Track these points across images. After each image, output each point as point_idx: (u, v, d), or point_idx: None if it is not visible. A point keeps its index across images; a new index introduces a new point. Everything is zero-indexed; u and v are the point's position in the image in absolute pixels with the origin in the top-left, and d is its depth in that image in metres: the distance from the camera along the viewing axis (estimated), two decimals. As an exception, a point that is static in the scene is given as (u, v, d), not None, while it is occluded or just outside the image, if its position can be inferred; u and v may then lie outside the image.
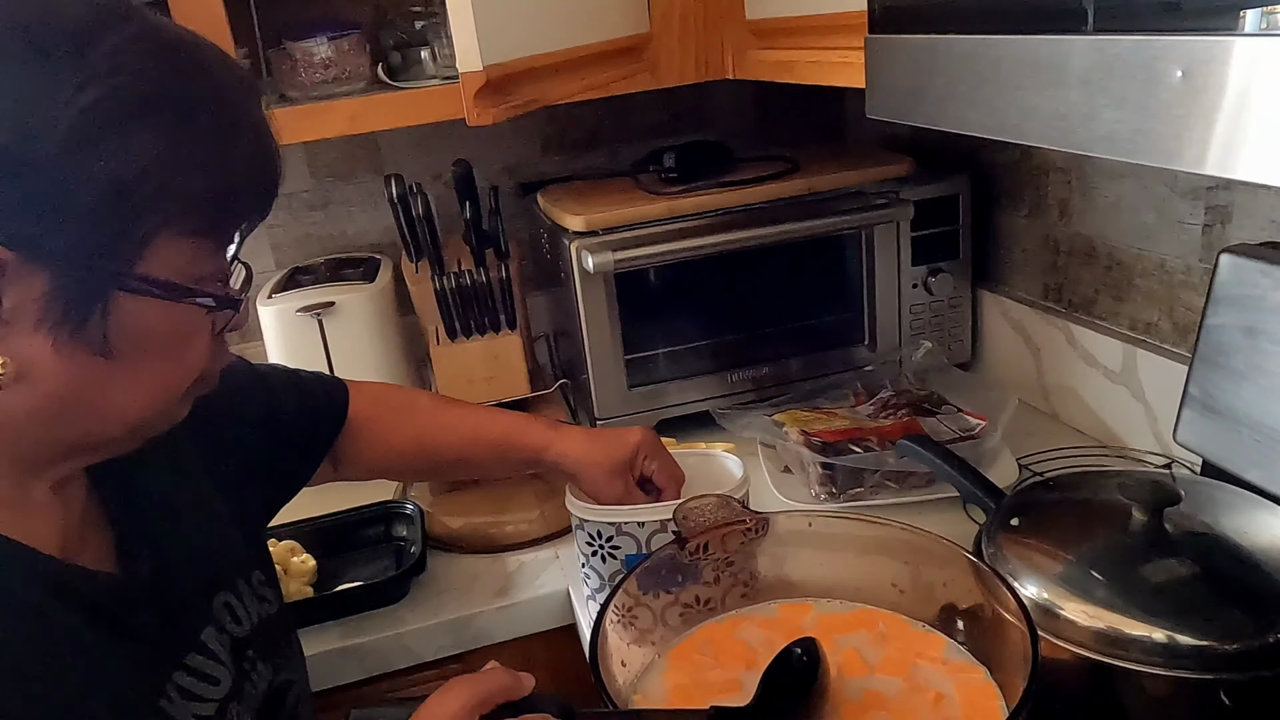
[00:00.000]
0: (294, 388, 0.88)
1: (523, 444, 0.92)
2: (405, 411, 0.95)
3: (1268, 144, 0.42)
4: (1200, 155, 0.44)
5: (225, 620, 0.67)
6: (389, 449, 0.93)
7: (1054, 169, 1.21)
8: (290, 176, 1.46)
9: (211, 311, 0.55)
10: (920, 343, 1.32)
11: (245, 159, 0.55)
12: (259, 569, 0.74)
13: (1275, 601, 0.65)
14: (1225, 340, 0.85)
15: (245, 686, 0.67)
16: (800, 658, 0.66)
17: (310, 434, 0.88)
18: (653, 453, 0.91)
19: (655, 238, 1.21)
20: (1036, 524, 0.76)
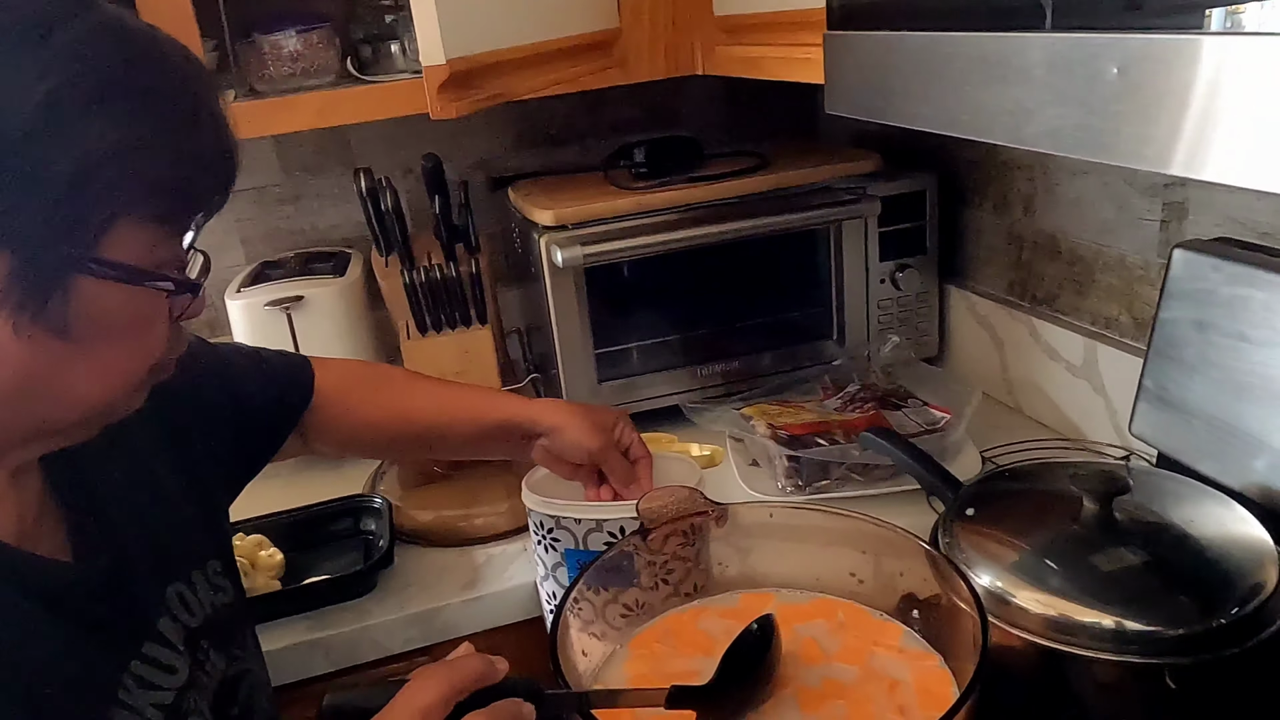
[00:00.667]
0: (256, 367, 0.88)
1: (501, 406, 0.93)
2: (379, 382, 0.96)
3: (1203, 140, 0.43)
4: (1137, 151, 0.45)
5: (178, 610, 0.67)
6: (362, 420, 0.93)
7: (1018, 165, 1.23)
8: (260, 170, 1.48)
9: (170, 296, 0.56)
10: (888, 337, 1.33)
11: (204, 148, 0.55)
12: (216, 558, 0.74)
13: (1220, 588, 0.67)
14: (1178, 334, 0.87)
15: (200, 676, 0.67)
16: (755, 632, 0.68)
17: (274, 413, 0.88)
18: (630, 425, 0.93)
19: (625, 232, 1.22)
20: (991, 514, 0.77)
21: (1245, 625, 0.65)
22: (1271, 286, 0.78)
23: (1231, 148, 0.42)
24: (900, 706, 0.66)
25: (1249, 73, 0.40)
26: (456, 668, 0.60)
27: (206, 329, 1.52)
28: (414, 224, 1.38)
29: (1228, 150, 0.42)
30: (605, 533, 0.88)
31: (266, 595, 1.00)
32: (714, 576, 0.82)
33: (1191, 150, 0.43)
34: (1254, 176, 0.42)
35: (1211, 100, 0.42)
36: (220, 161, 0.57)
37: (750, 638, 0.68)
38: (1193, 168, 0.44)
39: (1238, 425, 0.81)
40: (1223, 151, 0.42)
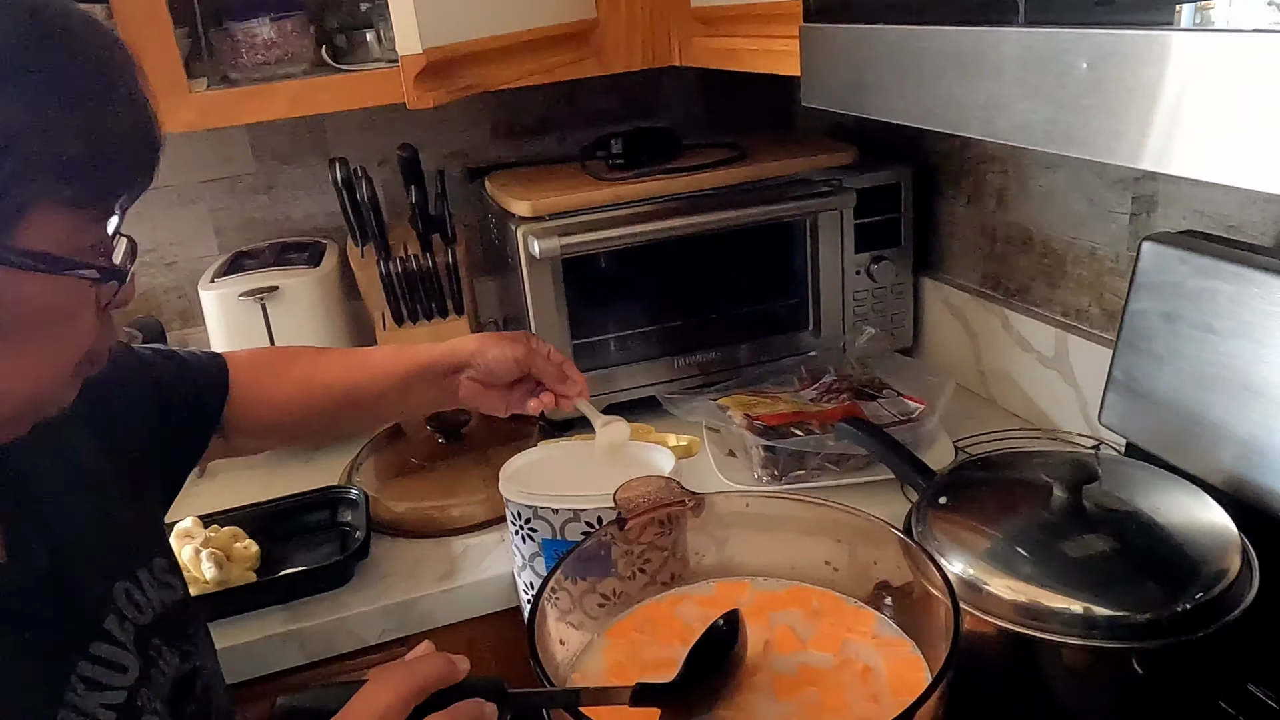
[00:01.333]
0: (175, 366, 0.86)
1: (412, 354, 0.92)
2: (286, 360, 0.94)
3: (1171, 135, 0.44)
4: (1106, 145, 0.46)
5: (126, 608, 0.66)
6: (275, 401, 0.91)
7: (991, 159, 1.24)
8: (234, 159, 1.47)
9: (95, 285, 0.54)
10: (863, 328, 1.34)
11: (121, 127, 0.53)
12: (160, 555, 0.73)
13: (1185, 574, 0.68)
14: (1146, 326, 0.88)
15: (154, 674, 0.66)
16: (721, 628, 0.68)
17: (197, 411, 0.86)
18: (538, 338, 0.94)
19: (602, 223, 1.22)
20: (963, 503, 0.79)
21: (1209, 610, 0.66)
22: (1237, 279, 0.80)
23: (1198, 143, 0.43)
24: (874, 693, 0.66)
25: (1215, 69, 0.41)
26: (415, 668, 0.59)
27: (179, 320, 1.50)
28: (390, 214, 1.38)
29: (1194, 145, 0.43)
30: (582, 522, 0.88)
31: (242, 587, 1.00)
32: (691, 566, 0.82)
33: (1160, 145, 0.44)
34: (1219, 171, 0.42)
35: (1179, 96, 0.43)
36: (140, 143, 0.55)
37: (717, 633, 0.68)
38: (1161, 162, 0.44)
39: (1204, 415, 0.83)
40: (1189, 146, 0.43)
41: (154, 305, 1.49)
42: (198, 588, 0.99)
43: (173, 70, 1.09)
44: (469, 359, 0.91)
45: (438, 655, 0.61)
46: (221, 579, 0.99)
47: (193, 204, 1.47)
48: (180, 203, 1.46)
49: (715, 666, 0.66)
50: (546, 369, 0.92)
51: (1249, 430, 0.80)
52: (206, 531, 1.05)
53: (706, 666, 0.66)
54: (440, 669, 0.59)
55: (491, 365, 0.91)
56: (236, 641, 0.96)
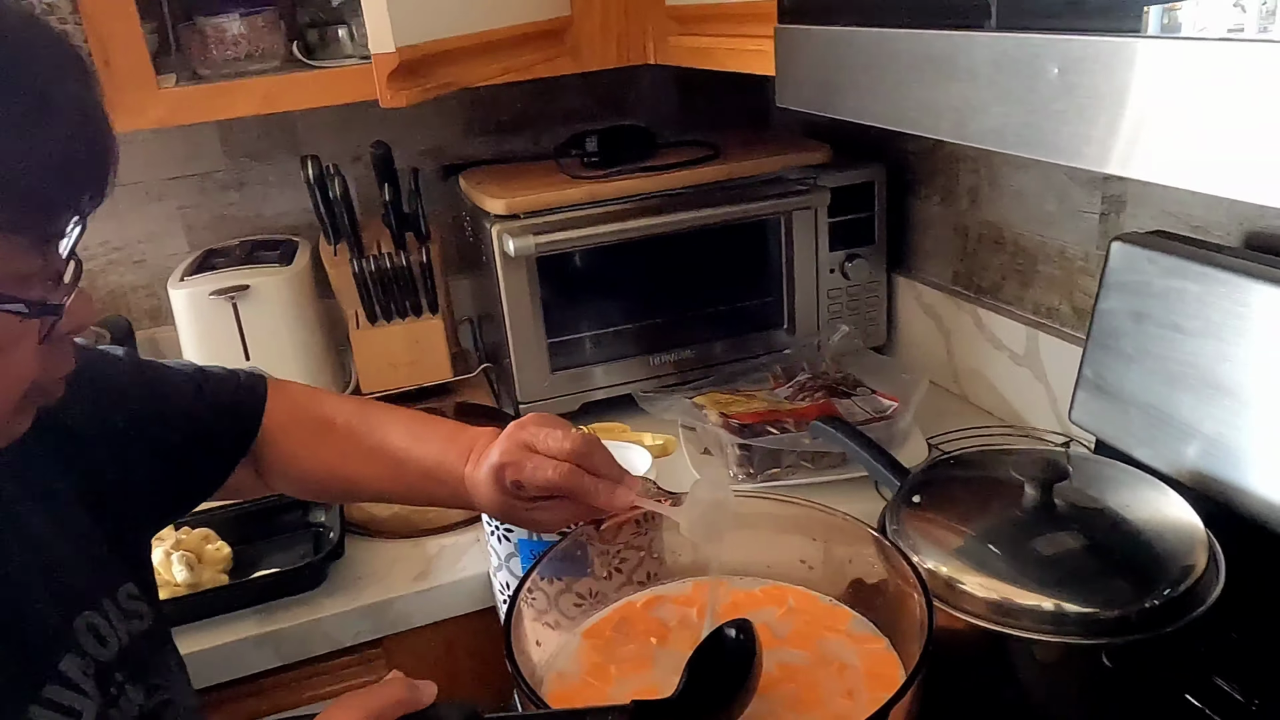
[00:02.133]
0: (195, 392, 0.79)
1: (448, 478, 0.80)
2: (320, 433, 0.83)
3: (1138, 140, 0.44)
4: (1077, 149, 0.47)
5: (88, 643, 0.62)
6: (302, 471, 0.84)
7: (964, 158, 1.25)
8: (204, 156, 1.45)
9: (26, 319, 0.49)
10: (838, 326, 1.35)
11: (59, 143, 0.48)
12: (131, 581, 0.68)
13: (1153, 570, 0.69)
14: (1116, 325, 0.89)
15: (112, 714, 0.61)
16: (735, 638, 0.62)
17: (213, 436, 0.79)
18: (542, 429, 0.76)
19: (577, 221, 1.21)
20: (937, 501, 0.79)
21: (1177, 606, 0.67)
22: (1204, 279, 0.81)
23: (1164, 148, 0.43)
24: (849, 689, 0.67)
25: (1182, 76, 0.41)
26: (375, 694, 0.55)
27: (148, 319, 1.48)
28: (363, 212, 1.37)
29: (1161, 150, 0.43)
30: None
31: (213, 590, 0.99)
32: (667, 565, 0.82)
33: (1127, 150, 0.45)
34: (1185, 177, 0.43)
35: (1147, 101, 0.44)
36: (86, 157, 0.50)
37: (725, 643, 0.63)
38: (1129, 167, 0.45)
39: (1172, 413, 0.84)
40: (1156, 151, 0.44)
41: (123, 304, 1.47)
42: (168, 591, 0.98)
43: (140, 66, 1.08)
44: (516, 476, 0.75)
45: (399, 681, 0.57)
46: (192, 582, 0.98)
47: (162, 201, 1.45)
48: (149, 200, 1.44)
49: (725, 679, 0.61)
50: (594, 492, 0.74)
51: (1215, 428, 0.81)
52: (177, 534, 1.04)
53: (710, 677, 0.61)
54: (400, 695, 0.55)
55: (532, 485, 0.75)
56: (209, 645, 0.95)
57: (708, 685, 0.61)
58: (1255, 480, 0.78)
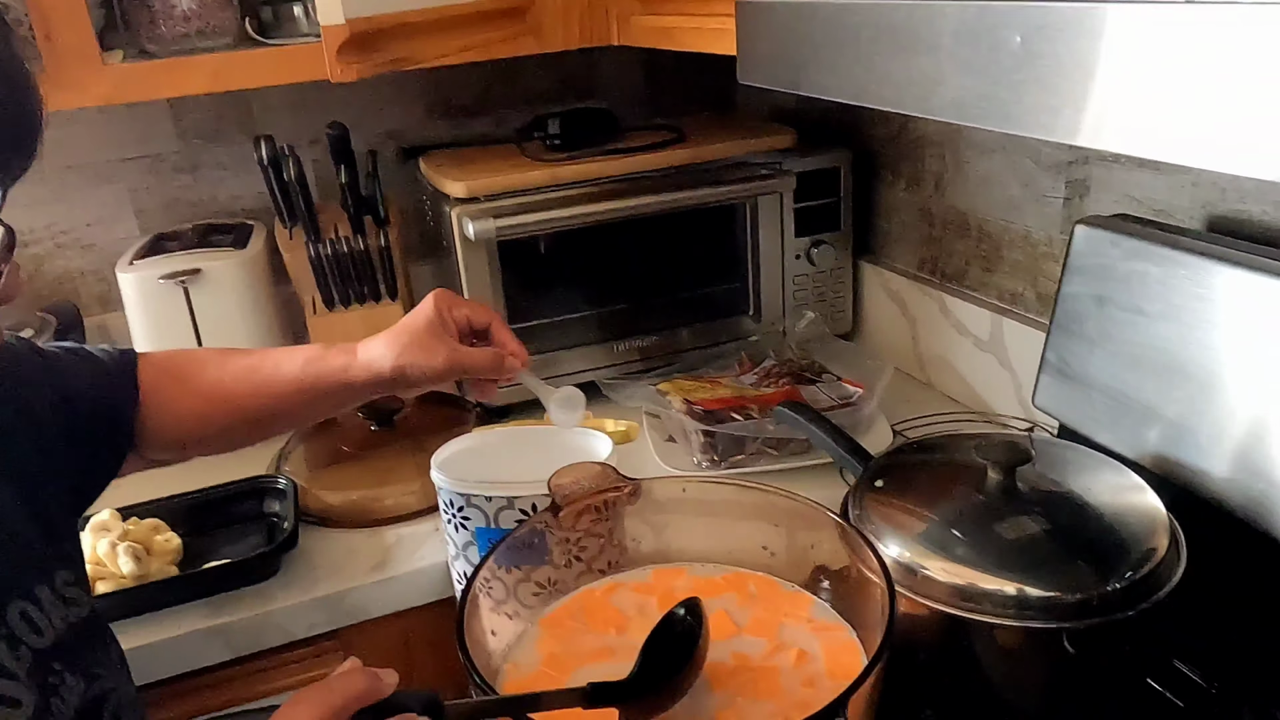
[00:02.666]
0: (86, 366, 0.79)
1: (326, 369, 0.84)
2: (190, 371, 0.85)
3: (1103, 110, 0.43)
4: (1038, 120, 0.45)
5: (22, 632, 0.61)
6: (185, 413, 0.84)
7: (930, 143, 1.25)
8: (154, 137, 1.41)
9: None
10: (803, 313, 1.34)
11: None
12: (65, 569, 0.67)
13: (1115, 554, 0.68)
14: (1079, 308, 0.89)
15: (53, 703, 0.61)
16: (683, 618, 0.64)
17: (110, 414, 0.79)
18: (453, 302, 0.86)
19: (539, 205, 1.19)
20: (899, 485, 0.78)
21: (1138, 589, 0.67)
22: (1166, 262, 0.80)
23: (1126, 117, 0.42)
24: (810, 677, 0.66)
25: (1145, 42, 0.40)
26: (334, 686, 0.54)
27: (98, 305, 1.44)
28: (320, 195, 1.34)
29: (1123, 119, 0.42)
30: (517, 510, 0.86)
31: (162, 581, 0.96)
32: (628, 553, 0.81)
33: (1092, 120, 0.44)
34: (1147, 146, 0.42)
35: (1110, 69, 0.42)
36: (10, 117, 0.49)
37: (677, 624, 0.64)
38: (1094, 138, 0.44)
39: (1134, 397, 0.84)
40: (1118, 121, 0.42)
41: (70, 289, 1.42)
42: (114, 583, 0.95)
43: (84, 41, 1.04)
44: (393, 378, 0.83)
45: (360, 671, 0.56)
46: (140, 574, 0.95)
47: (111, 183, 1.41)
48: (97, 182, 1.40)
49: (676, 659, 0.62)
50: (478, 362, 0.85)
51: (1176, 411, 0.81)
52: (125, 524, 1.01)
53: (664, 658, 0.62)
54: (360, 686, 0.54)
55: (419, 383, 0.84)
56: (157, 638, 0.92)
57: (662, 667, 0.61)
58: (1217, 463, 0.78)
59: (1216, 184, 0.88)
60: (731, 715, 0.63)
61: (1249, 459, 0.76)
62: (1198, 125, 0.39)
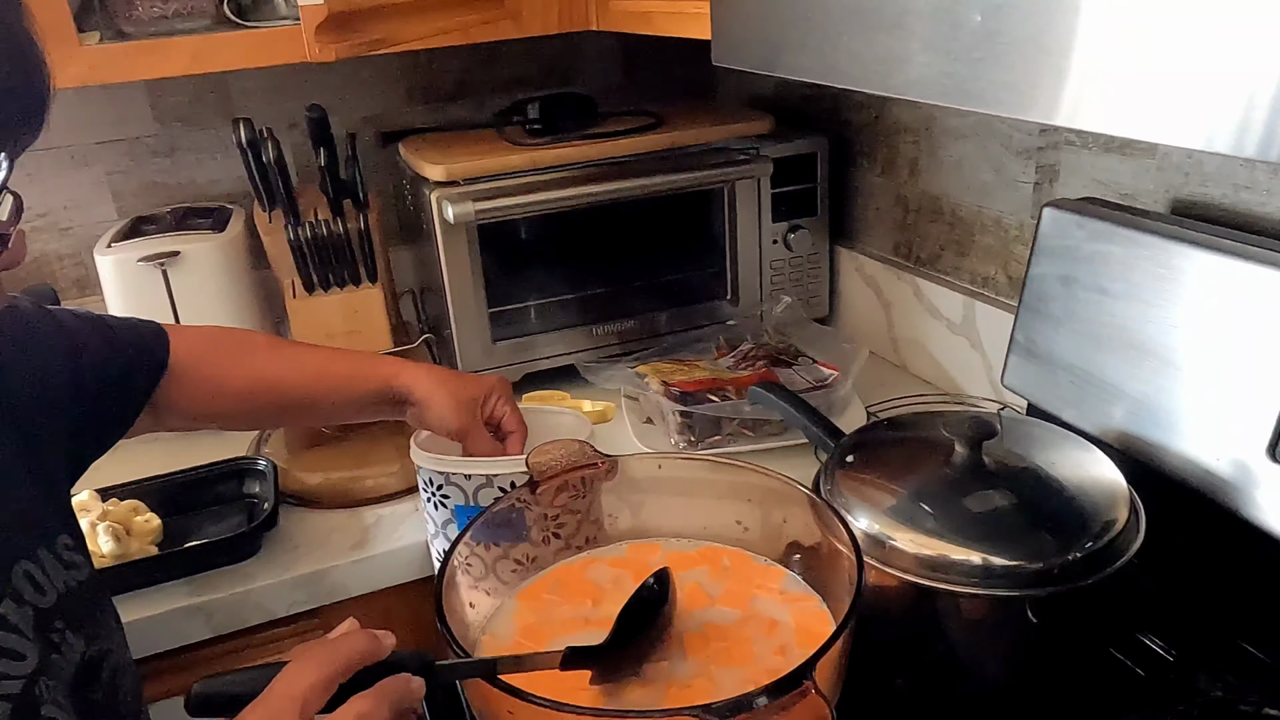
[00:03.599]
0: (101, 336, 0.81)
1: (372, 374, 0.90)
2: (241, 350, 0.91)
3: (1060, 87, 0.45)
4: (998, 98, 0.47)
5: (26, 590, 0.63)
6: (222, 390, 0.88)
7: (904, 129, 1.26)
8: (132, 120, 1.41)
9: None
10: (780, 297, 1.36)
11: None
12: (65, 533, 0.69)
13: (1076, 525, 0.70)
14: (1046, 289, 0.91)
15: (54, 659, 0.62)
16: (652, 587, 0.68)
17: (122, 385, 0.81)
18: (505, 397, 0.91)
19: (518, 189, 1.20)
20: (870, 461, 0.80)
21: (1098, 558, 0.69)
22: (1129, 243, 0.82)
23: (1087, 94, 0.44)
24: (781, 645, 0.68)
25: (1104, 17, 0.42)
26: (337, 647, 0.56)
27: (75, 289, 1.44)
28: (299, 178, 1.33)
29: (1083, 96, 0.44)
30: (495, 488, 0.87)
31: (141, 560, 0.97)
32: (605, 529, 0.82)
33: (1050, 98, 0.45)
34: (1108, 122, 0.44)
35: (1068, 45, 0.44)
36: (22, 87, 0.50)
37: (647, 593, 0.67)
38: (1051, 114, 0.45)
39: (1098, 375, 0.86)
40: (1079, 98, 0.44)
41: (48, 273, 1.42)
42: (94, 563, 0.95)
43: (60, 21, 1.04)
44: (417, 404, 0.89)
45: (361, 632, 0.58)
46: (120, 553, 0.96)
47: (88, 166, 1.40)
48: (75, 165, 1.39)
49: (643, 627, 0.65)
50: (480, 448, 0.89)
51: (1138, 389, 0.83)
52: (104, 505, 1.01)
53: (637, 626, 0.65)
54: (364, 646, 0.57)
55: (430, 422, 0.89)
56: (139, 616, 0.93)
57: (635, 633, 0.64)
58: (1177, 439, 0.80)
59: (1180, 168, 0.90)
60: (705, 682, 0.64)
61: (1208, 435, 0.78)
62: (1155, 100, 0.40)
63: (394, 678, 0.57)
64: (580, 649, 0.63)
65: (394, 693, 0.56)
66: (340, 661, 0.56)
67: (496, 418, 0.91)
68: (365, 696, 0.55)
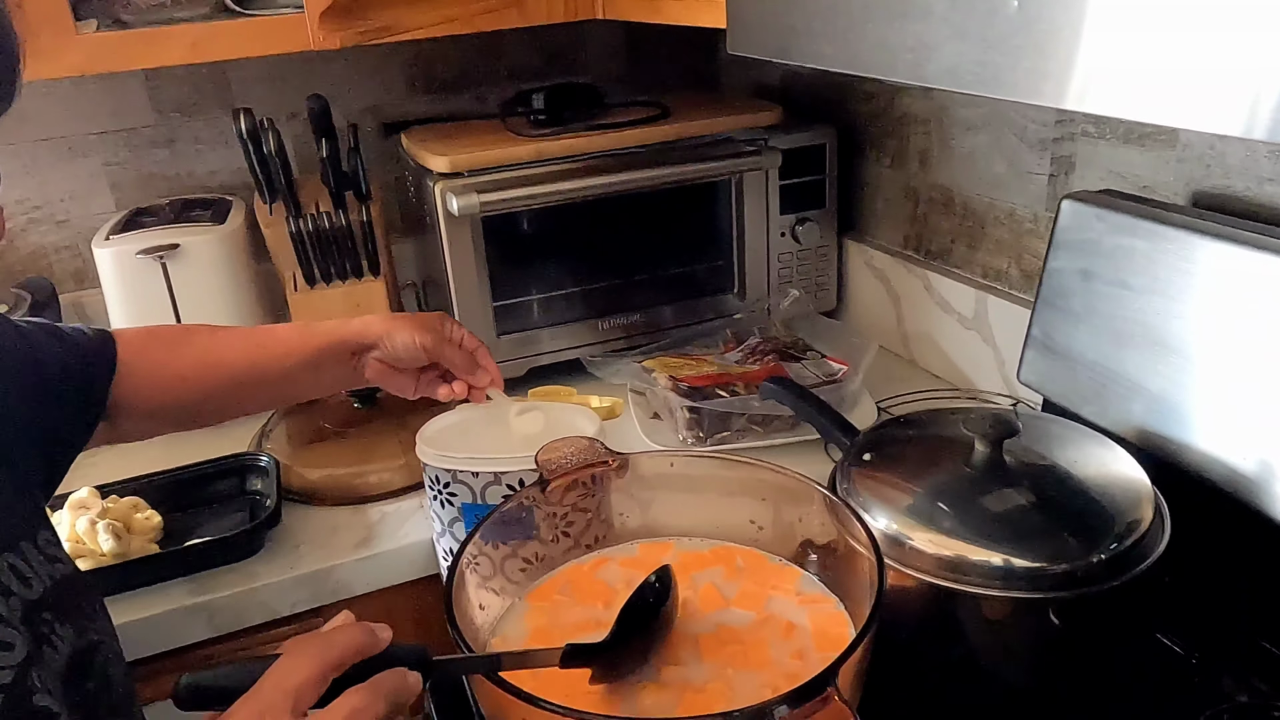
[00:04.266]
0: (55, 340, 0.79)
1: (319, 329, 0.87)
2: (182, 338, 0.88)
3: (1096, 73, 0.43)
4: (1034, 86, 0.45)
5: (11, 583, 0.62)
6: (166, 383, 0.84)
7: (915, 120, 1.24)
8: (129, 110, 1.39)
9: None
10: (788, 291, 1.34)
11: None
12: (45, 529, 0.68)
13: (1100, 525, 0.69)
14: (1064, 283, 0.89)
15: (45, 651, 0.62)
16: (653, 585, 0.67)
17: (84, 388, 0.79)
18: (455, 322, 0.91)
19: (523, 181, 1.18)
20: (887, 459, 0.78)
21: (1123, 560, 0.67)
22: (1152, 236, 0.81)
23: (1122, 80, 0.42)
24: (799, 649, 0.66)
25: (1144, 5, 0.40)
26: (332, 640, 0.55)
27: (73, 281, 1.42)
28: (300, 170, 1.31)
29: (1118, 83, 0.42)
30: (504, 485, 0.86)
31: (142, 559, 0.95)
32: (615, 528, 0.81)
33: (1083, 84, 0.43)
34: (1142, 109, 0.42)
35: (1106, 31, 0.42)
36: None
37: (648, 591, 0.67)
38: (1085, 101, 0.44)
39: (1118, 371, 0.84)
40: (1114, 84, 0.42)
41: (45, 265, 1.40)
42: (94, 561, 0.94)
43: (57, 9, 1.02)
44: (376, 341, 0.86)
45: (356, 625, 0.57)
46: (120, 551, 0.94)
47: (85, 157, 1.38)
48: (72, 156, 1.37)
49: (646, 624, 0.64)
50: (456, 358, 0.88)
51: (1160, 385, 0.81)
52: (104, 502, 1.00)
53: (638, 625, 0.64)
54: (359, 640, 0.55)
55: (398, 350, 0.87)
56: (139, 615, 0.91)
57: (636, 631, 0.64)
58: (1199, 436, 0.79)
59: (1201, 160, 0.88)
60: (721, 686, 0.63)
61: (1232, 432, 0.76)
62: (1189, 85, 0.39)
63: (390, 672, 0.55)
64: (580, 646, 0.62)
65: (390, 687, 0.54)
66: (335, 655, 0.54)
67: (456, 338, 0.90)
68: (360, 690, 0.53)
